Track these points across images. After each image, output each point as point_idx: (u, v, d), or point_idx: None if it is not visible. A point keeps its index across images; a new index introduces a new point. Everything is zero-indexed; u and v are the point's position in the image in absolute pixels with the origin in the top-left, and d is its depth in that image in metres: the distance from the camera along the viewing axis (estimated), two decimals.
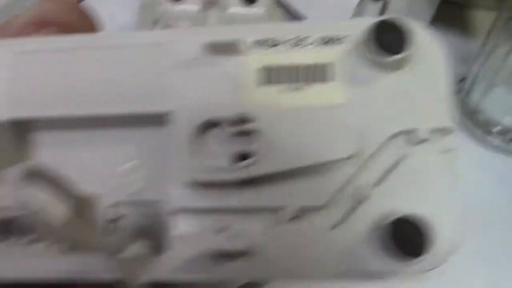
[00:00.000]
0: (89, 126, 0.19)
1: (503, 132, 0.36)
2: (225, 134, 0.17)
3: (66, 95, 0.19)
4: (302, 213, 0.17)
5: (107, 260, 0.17)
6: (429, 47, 0.18)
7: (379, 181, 0.17)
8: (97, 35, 0.19)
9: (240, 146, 0.17)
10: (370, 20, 0.17)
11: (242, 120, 0.17)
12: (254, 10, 0.34)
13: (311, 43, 0.18)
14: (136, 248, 0.17)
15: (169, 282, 0.18)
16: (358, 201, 0.17)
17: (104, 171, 0.19)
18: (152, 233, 0.18)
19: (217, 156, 0.17)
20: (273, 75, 0.18)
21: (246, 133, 0.17)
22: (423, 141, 0.17)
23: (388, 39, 0.17)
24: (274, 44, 0.18)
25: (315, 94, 0.18)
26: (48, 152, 0.19)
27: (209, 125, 0.17)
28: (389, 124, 0.17)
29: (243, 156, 0.17)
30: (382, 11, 0.35)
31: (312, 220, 0.17)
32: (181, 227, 0.17)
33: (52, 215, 0.14)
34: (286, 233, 0.17)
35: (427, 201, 0.17)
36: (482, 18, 0.38)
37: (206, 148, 0.17)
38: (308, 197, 0.17)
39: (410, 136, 0.17)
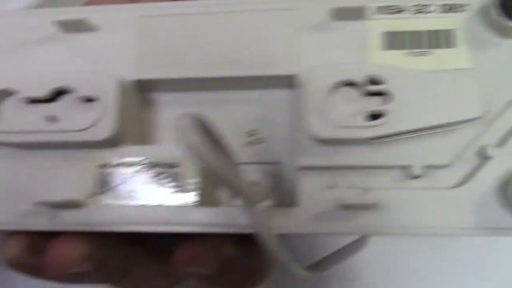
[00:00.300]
0: (214, 88, 0.20)
1: None
2: (355, 94, 0.18)
3: (192, 58, 0.19)
4: (428, 171, 0.18)
5: (242, 214, 0.18)
6: None
7: (503, 141, 0.18)
8: (221, 1, 0.20)
9: (371, 106, 0.18)
10: None
11: (372, 81, 0.18)
12: None
13: (433, 10, 0.19)
14: (268, 203, 0.17)
15: (299, 236, 0.18)
16: (483, 160, 0.18)
17: (230, 132, 0.20)
18: (283, 190, 0.19)
19: (348, 115, 0.18)
20: (397, 40, 0.19)
21: (375, 94, 0.18)
22: None
23: None
24: (398, 11, 0.19)
25: (439, 59, 0.18)
26: (171, 112, 0.20)
27: (339, 86, 0.18)
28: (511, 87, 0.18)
29: (372, 116, 0.18)
30: None
31: (438, 178, 0.18)
32: (311, 183, 0.18)
33: (209, 163, 0.15)
34: (412, 190, 0.18)
35: None
36: None
37: (336, 108, 0.18)
38: (434, 156, 0.18)
39: None
